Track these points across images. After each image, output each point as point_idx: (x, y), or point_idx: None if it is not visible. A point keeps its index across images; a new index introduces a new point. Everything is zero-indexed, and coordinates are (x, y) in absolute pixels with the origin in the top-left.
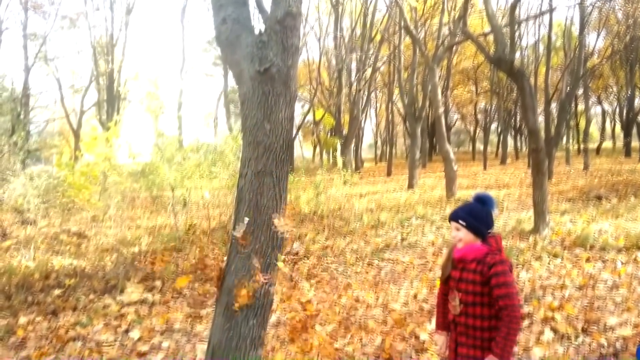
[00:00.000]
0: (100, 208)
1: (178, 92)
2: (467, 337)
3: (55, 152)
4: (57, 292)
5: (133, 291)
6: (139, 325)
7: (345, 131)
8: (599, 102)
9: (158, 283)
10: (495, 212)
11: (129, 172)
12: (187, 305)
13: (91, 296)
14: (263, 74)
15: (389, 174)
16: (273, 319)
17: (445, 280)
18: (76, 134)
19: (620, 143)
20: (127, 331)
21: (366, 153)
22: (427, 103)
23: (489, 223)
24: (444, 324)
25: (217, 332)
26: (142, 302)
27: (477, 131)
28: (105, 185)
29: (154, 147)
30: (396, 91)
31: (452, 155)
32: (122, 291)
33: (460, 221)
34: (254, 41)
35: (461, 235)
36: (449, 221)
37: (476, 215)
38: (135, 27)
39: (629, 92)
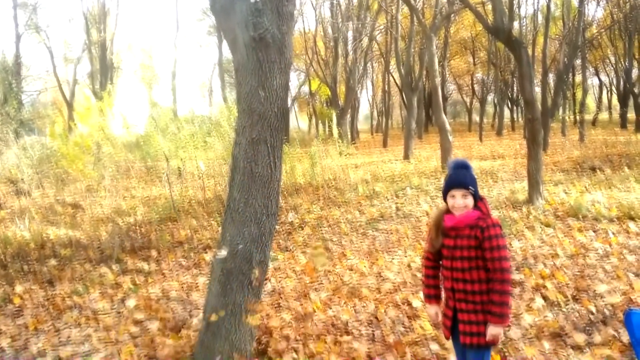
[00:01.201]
0: (94, 178)
1: (172, 62)
2: (467, 302)
3: (49, 123)
4: (53, 261)
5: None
6: (135, 294)
7: (341, 102)
8: (597, 74)
9: (154, 253)
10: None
11: (123, 142)
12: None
13: (87, 266)
14: (257, 41)
15: (384, 145)
16: (268, 287)
17: (438, 250)
18: (69, 104)
19: (616, 114)
20: (123, 300)
21: (362, 124)
22: (424, 73)
23: (475, 183)
24: (435, 295)
25: (212, 298)
26: (138, 271)
27: (474, 102)
28: (99, 155)
29: (148, 118)
30: (393, 61)
31: (447, 126)
32: (117, 261)
33: (471, 187)
34: (248, 8)
35: (468, 202)
36: (454, 189)
37: (474, 180)
38: None
39: (627, 64)
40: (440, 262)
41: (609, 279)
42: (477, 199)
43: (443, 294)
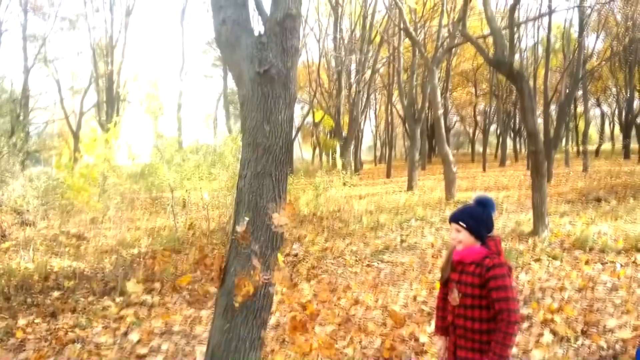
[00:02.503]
0: (99, 209)
1: (177, 93)
2: (466, 340)
3: (55, 154)
4: (56, 293)
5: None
6: (138, 328)
7: (344, 133)
8: (598, 104)
9: (157, 285)
10: (494, 215)
11: (128, 173)
12: (187, 303)
13: (90, 298)
14: (262, 76)
15: (388, 175)
16: (272, 320)
17: (445, 282)
18: (75, 136)
19: (619, 145)
20: (126, 333)
21: (366, 155)
22: (427, 105)
23: (489, 226)
24: (442, 328)
25: (216, 333)
26: (142, 303)
27: (477, 133)
28: (104, 186)
29: (153, 149)
30: (395, 93)
31: (451, 157)
32: (121, 293)
33: (461, 223)
34: (253, 42)
35: (461, 237)
36: (450, 222)
37: (477, 217)
38: (135, 29)
39: (628, 94)
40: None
41: (619, 313)
42: (482, 236)
43: None
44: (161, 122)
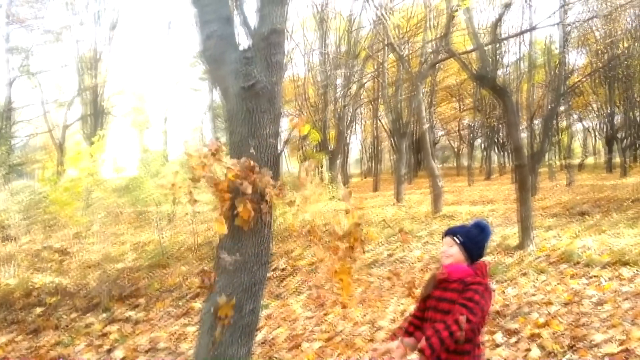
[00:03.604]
0: (83, 224)
1: (164, 106)
2: None
3: (39, 167)
4: (38, 310)
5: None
6: (123, 345)
7: (331, 146)
8: (581, 119)
9: (142, 300)
10: (489, 243)
11: (113, 187)
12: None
13: (73, 315)
14: (248, 91)
15: (375, 189)
16: (259, 337)
17: (425, 299)
18: (60, 149)
19: (602, 159)
20: (110, 351)
21: (353, 168)
22: (413, 119)
23: (481, 250)
24: (408, 331)
25: (201, 351)
26: (126, 320)
27: (462, 147)
28: (89, 200)
29: (139, 162)
30: (381, 107)
31: (437, 172)
32: (105, 309)
33: (456, 238)
34: (238, 58)
35: (452, 252)
36: (444, 236)
37: (472, 237)
38: (121, 42)
39: (609, 110)
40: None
41: (605, 328)
42: (472, 257)
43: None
44: (147, 135)
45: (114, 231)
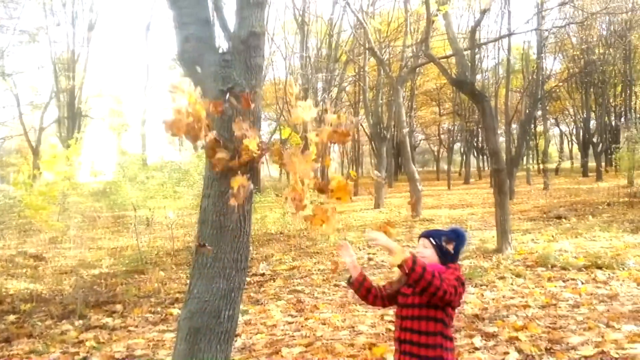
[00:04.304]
0: (59, 229)
1: (142, 109)
2: (412, 356)
3: (13, 171)
4: (11, 318)
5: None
6: (99, 352)
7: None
8: (557, 124)
9: (119, 307)
10: (463, 250)
11: (90, 191)
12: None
13: (48, 322)
14: (226, 94)
15: (355, 193)
16: (238, 343)
17: (393, 295)
18: (35, 152)
19: (577, 163)
20: (85, 358)
21: (333, 172)
22: (392, 123)
23: (455, 255)
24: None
25: (178, 358)
26: (102, 327)
27: (441, 151)
28: (65, 205)
29: (116, 166)
30: (362, 111)
31: (417, 176)
32: (81, 316)
33: (432, 239)
34: (217, 60)
35: (427, 254)
36: (420, 238)
37: (447, 241)
38: (99, 43)
39: (585, 114)
40: (394, 312)
41: (581, 330)
42: (445, 260)
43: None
44: (125, 138)
45: (90, 236)
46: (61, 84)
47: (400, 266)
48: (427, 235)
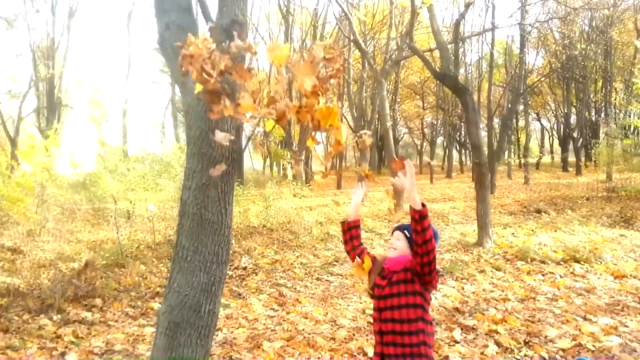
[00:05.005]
0: (37, 221)
1: (123, 99)
2: (395, 346)
3: None
4: None
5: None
6: (77, 347)
7: (295, 143)
8: (538, 119)
9: (98, 301)
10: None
11: (69, 182)
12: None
13: (25, 316)
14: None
15: (339, 186)
16: (219, 337)
17: (372, 287)
18: (13, 142)
19: (558, 158)
20: (63, 354)
21: (317, 166)
22: (376, 116)
23: None
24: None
25: (158, 353)
26: (81, 321)
27: (424, 145)
28: (43, 197)
29: (96, 157)
30: (346, 104)
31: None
32: (59, 311)
33: (406, 232)
34: None
35: (398, 245)
36: (394, 231)
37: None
38: (79, 32)
39: (566, 110)
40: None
41: (559, 323)
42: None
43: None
44: (105, 129)
45: (69, 229)
46: (40, 73)
47: (414, 211)
48: (401, 228)
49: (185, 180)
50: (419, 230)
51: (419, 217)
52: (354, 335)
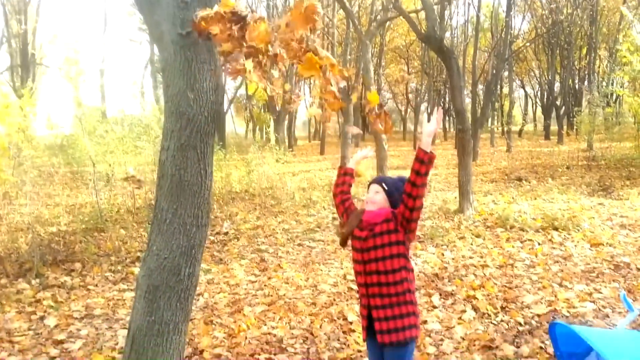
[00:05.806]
0: (13, 184)
1: (100, 58)
2: (382, 297)
3: None
4: None
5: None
6: (56, 312)
7: (278, 107)
8: (522, 86)
9: (78, 265)
10: None
11: (46, 144)
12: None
13: (3, 280)
14: (185, 38)
15: (322, 152)
16: (200, 302)
17: (346, 240)
18: None
19: (540, 126)
20: (42, 318)
21: (300, 131)
22: (360, 80)
23: None
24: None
25: (137, 317)
26: (60, 286)
27: (408, 111)
28: (19, 159)
29: (74, 118)
30: None
31: (383, 135)
32: (37, 275)
33: (384, 184)
34: (175, 1)
35: (377, 199)
36: (371, 184)
37: (398, 187)
38: None
39: (550, 76)
40: (352, 260)
41: (535, 289)
42: (394, 204)
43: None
44: (83, 89)
45: (47, 192)
46: (12, 28)
47: (424, 153)
48: (378, 181)
49: (164, 140)
50: (421, 172)
51: (428, 159)
52: (334, 300)
